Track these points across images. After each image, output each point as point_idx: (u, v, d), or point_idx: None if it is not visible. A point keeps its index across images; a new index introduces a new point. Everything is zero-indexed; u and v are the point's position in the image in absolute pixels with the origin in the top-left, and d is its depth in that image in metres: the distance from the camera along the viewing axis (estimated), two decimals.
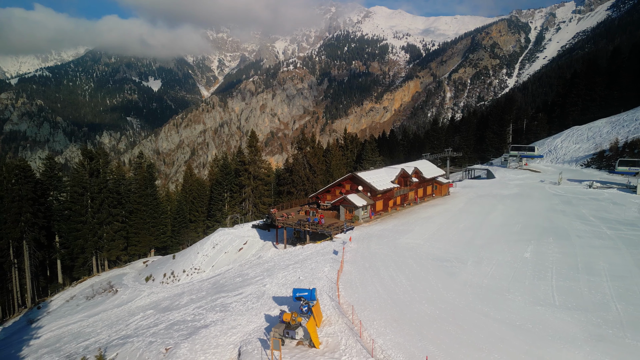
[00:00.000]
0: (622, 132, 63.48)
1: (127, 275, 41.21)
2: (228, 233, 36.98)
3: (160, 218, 49.94)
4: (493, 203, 36.21)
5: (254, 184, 48.77)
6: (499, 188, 44.44)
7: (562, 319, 15.16)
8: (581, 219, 29.90)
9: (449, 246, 24.67)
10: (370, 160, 57.63)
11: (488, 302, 16.81)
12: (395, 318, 15.33)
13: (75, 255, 45.67)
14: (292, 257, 26.44)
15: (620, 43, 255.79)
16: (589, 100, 75.46)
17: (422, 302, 16.82)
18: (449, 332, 14.27)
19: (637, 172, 42.89)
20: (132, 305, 30.05)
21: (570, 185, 45.29)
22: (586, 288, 17.79)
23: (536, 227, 28.06)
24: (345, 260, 22.73)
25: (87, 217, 44.50)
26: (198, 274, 32.53)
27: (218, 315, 17.46)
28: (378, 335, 13.93)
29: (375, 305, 16.53)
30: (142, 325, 20.28)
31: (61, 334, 30.04)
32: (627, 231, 26.65)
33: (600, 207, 34.32)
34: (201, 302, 20.91)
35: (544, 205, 35.05)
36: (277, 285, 20.30)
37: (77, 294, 39.79)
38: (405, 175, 34.86)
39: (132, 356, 15.05)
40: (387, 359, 12.40)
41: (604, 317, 15.19)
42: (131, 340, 16.92)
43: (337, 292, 17.70)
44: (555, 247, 23.63)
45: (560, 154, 66.31)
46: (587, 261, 21.07)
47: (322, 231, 29.19)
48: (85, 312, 33.10)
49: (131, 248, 48.37)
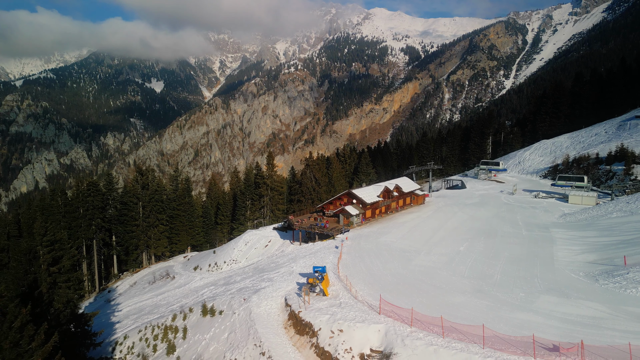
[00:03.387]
0: (579, 146, 75.19)
1: (175, 267, 53.16)
2: (255, 233, 48.90)
3: (195, 221, 61.96)
4: (455, 211, 48.10)
5: (271, 194, 60.86)
6: (465, 198, 56.31)
7: (463, 282, 27.01)
8: (511, 224, 41.77)
9: (412, 242, 36.56)
10: (365, 172, 69.73)
11: (426, 275, 28.66)
12: (370, 282, 27.21)
13: (130, 251, 57.76)
14: (306, 250, 38.37)
15: (614, 46, 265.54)
16: (555, 117, 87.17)
17: (387, 275, 28.72)
18: (399, 290, 26.07)
19: (571, 186, 54.74)
20: (190, 286, 41.96)
21: (521, 195, 57.06)
22: (486, 267, 29.65)
23: (476, 230, 39.92)
24: (343, 252, 34.60)
25: (139, 221, 56.44)
26: (236, 264, 44.44)
27: (267, 283, 29.33)
28: (359, 290, 25.77)
29: (359, 276, 28.42)
30: (216, 293, 32.12)
31: (141, 307, 41.89)
32: (538, 233, 38.45)
33: (533, 214, 46.15)
34: (252, 279, 32.78)
35: (492, 213, 46.90)
36: (300, 267, 32.20)
37: (138, 281, 51.76)
38: (387, 190, 46.77)
39: (224, 303, 26.83)
40: (362, 298, 24.29)
41: (487, 281, 27.03)
42: (217, 298, 28.77)
43: (338, 270, 29.59)
44: (482, 243, 35.50)
45: (527, 166, 77.88)
46: (497, 252, 32.93)
47: (327, 232, 41.05)
48: (152, 292, 45.04)
49: (172, 245, 60.43)
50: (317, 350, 21.09)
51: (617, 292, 23.77)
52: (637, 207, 39.20)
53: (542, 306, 22.76)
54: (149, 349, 26.93)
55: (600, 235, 34.69)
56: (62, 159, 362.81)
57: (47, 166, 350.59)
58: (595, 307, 22.04)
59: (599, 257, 29.68)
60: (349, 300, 24.38)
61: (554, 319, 20.99)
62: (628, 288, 24.03)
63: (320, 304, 24.06)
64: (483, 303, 23.55)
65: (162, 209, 58.68)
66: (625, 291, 23.78)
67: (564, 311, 21.98)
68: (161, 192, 60.31)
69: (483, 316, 21.18)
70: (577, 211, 44.66)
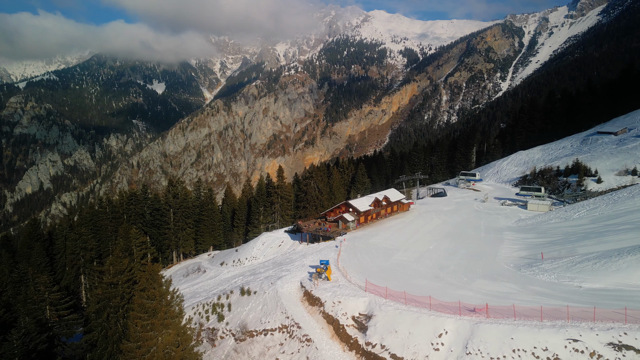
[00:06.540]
0: (548, 158, 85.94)
1: (202, 263, 64.05)
2: (270, 235, 59.84)
3: (217, 225, 72.89)
4: (432, 217, 59.06)
5: (281, 202, 71.77)
6: (444, 205, 67.24)
7: (427, 271, 37.92)
8: (474, 227, 52.70)
9: (395, 243, 47.50)
10: (361, 181, 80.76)
11: (401, 267, 39.57)
12: (360, 271, 38.16)
13: (163, 250, 68.64)
14: (313, 249, 49.30)
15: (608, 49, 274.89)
16: (530, 131, 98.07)
17: (373, 266, 39.67)
18: (380, 276, 36.92)
19: (531, 195, 65.67)
20: (220, 277, 52.85)
21: (491, 203, 67.94)
22: (446, 261, 40.56)
23: (446, 232, 50.85)
24: (341, 250, 45.52)
25: (171, 225, 67.32)
26: (255, 260, 55.34)
27: (285, 273, 40.22)
28: (352, 276, 36.68)
29: (353, 267, 39.37)
30: (247, 280, 42.92)
31: (183, 294, 52.64)
32: (494, 235, 49.32)
33: (495, 219, 57.06)
34: (273, 270, 43.68)
35: (462, 218, 57.82)
36: (309, 261, 43.10)
37: (173, 274, 62.62)
38: (377, 200, 57.71)
39: (256, 286, 37.65)
40: (354, 282, 35.29)
41: (444, 271, 37.93)
42: (249, 283, 39.63)
43: (337, 263, 40.54)
44: (447, 243, 46.43)
45: (503, 175, 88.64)
46: (456, 250, 43.84)
47: (329, 235, 51.95)
48: (188, 283, 55.92)
49: (198, 245, 71.38)
50: (324, 314, 32.05)
51: (529, 277, 34.70)
52: (571, 214, 50.15)
53: (475, 286, 33.69)
54: (202, 319, 37.81)
55: (537, 237, 45.64)
56: (66, 160, 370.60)
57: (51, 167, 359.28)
58: (510, 286, 32.97)
59: (529, 253, 40.63)
60: (345, 283, 35.34)
61: (480, 294, 31.89)
62: (538, 274, 34.96)
63: (325, 285, 35.03)
64: (437, 284, 34.49)
65: (188, 214, 69.52)
66: (535, 276, 34.71)
67: (489, 289, 32.91)
68: (188, 200, 71.15)
69: (434, 293, 32.02)
70: (530, 217, 55.60)
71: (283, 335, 31.28)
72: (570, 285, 31.00)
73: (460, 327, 25.39)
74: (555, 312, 24.88)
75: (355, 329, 29.92)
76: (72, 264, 51.92)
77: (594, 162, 70.34)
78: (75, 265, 51.57)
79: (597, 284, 30.03)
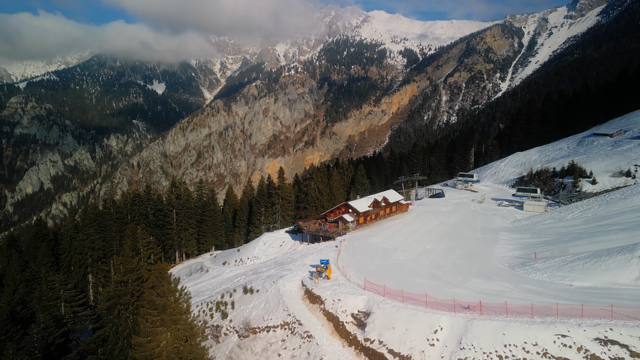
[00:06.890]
0: (544, 159, 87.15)
1: (204, 262, 65.27)
2: (271, 235, 61.05)
3: (218, 225, 74.11)
4: (430, 217, 60.29)
5: (281, 202, 72.96)
6: (442, 205, 68.47)
7: (424, 270, 39.16)
8: (471, 228, 53.93)
9: (393, 243, 48.73)
10: (360, 182, 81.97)
11: (399, 266, 40.80)
12: (359, 270, 39.40)
13: (166, 250, 69.83)
14: (313, 249, 50.53)
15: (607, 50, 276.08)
16: (527, 132, 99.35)
17: (372, 266, 40.91)
18: (379, 275, 38.16)
19: (527, 196, 66.92)
20: (223, 276, 54.08)
21: (488, 204, 69.16)
22: (442, 260, 41.80)
23: (443, 233, 52.07)
24: (341, 250, 46.75)
25: (174, 225, 68.54)
26: (257, 260, 56.55)
27: (287, 272, 41.46)
28: (351, 275, 37.91)
29: (352, 266, 40.60)
30: (249, 279, 44.14)
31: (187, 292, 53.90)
32: (489, 235, 50.55)
33: (492, 220, 58.28)
34: (275, 269, 44.93)
35: (459, 219, 59.05)
36: (310, 260, 44.33)
37: (176, 273, 63.82)
38: (376, 201, 58.95)
39: (259, 285, 38.88)
40: (354, 280, 36.52)
41: (440, 270, 39.17)
42: (252, 282, 40.87)
43: (337, 262, 41.79)
44: (444, 243, 47.66)
45: (501, 176, 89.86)
46: (453, 250, 45.07)
47: (329, 235, 53.15)
48: (192, 282, 57.13)
49: (200, 245, 72.58)
50: (324, 312, 33.29)
51: (523, 276, 35.94)
52: (565, 215, 51.40)
53: (470, 285, 34.92)
54: (207, 317, 39.03)
55: (532, 237, 46.88)
56: (66, 160, 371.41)
57: (51, 167, 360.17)
58: (504, 285, 34.20)
59: (523, 253, 41.87)
60: (344, 282, 36.59)
61: (474, 292, 33.11)
62: (530, 273, 36.19)
63: (326, 284, 36.27)
64: (433, 283, 35.72)
65: (191, 215, 70.74)
66: (528, 275, 35.94)
67: (483, 287, 34.14)
68: (190, 201, 72.37)
69: (431, 291, 33.25)
70: (526, 217, 56.83)
71: (285, 331, 32.52)
72: (561, 283, 32.23)
73: (455, 324, 26.62)
74: (546, 309, 26.11)
75: (355, 326, 31.16)
76: (79, 264, 53.16)
77: (589, 164, 71.59)
78: (83, 264, 52.81)
79: (587, 283, 31.26)
